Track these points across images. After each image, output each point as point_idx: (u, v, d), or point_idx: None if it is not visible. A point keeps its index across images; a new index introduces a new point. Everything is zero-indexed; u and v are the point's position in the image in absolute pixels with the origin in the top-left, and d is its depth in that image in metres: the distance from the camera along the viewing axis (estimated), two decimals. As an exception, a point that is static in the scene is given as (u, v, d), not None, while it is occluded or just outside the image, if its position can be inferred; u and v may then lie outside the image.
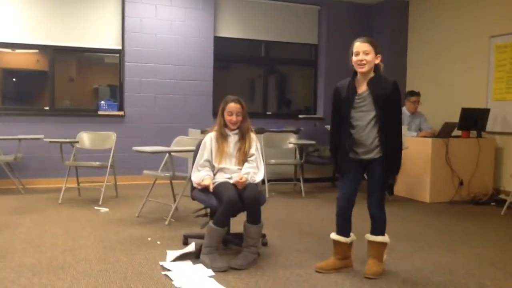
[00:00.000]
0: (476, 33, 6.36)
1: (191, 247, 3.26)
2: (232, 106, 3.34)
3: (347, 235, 3.06)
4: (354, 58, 2.93)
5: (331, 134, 3.13)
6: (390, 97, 2.91)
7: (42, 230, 3.93)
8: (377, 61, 2.94)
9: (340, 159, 3.03)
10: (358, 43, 2.94)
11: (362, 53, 2.90)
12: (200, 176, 3.30)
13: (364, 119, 2.93)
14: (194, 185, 3.36)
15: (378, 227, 3.02)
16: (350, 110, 2.95)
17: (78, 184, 5.49)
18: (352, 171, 3.02)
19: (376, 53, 2.93)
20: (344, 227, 3.06)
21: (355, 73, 2.99)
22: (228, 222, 3.34)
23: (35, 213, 4.59)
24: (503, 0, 6.00)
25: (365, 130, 2.93)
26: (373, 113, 2.91)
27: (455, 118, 5.82)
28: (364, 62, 2.90)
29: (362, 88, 2.96)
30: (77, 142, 5.42)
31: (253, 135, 3.42)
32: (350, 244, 3.09)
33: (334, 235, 3.09)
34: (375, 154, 2.95)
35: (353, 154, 2.98)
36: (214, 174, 3.35)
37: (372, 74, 2.96)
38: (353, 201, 3.03)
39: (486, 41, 6.21)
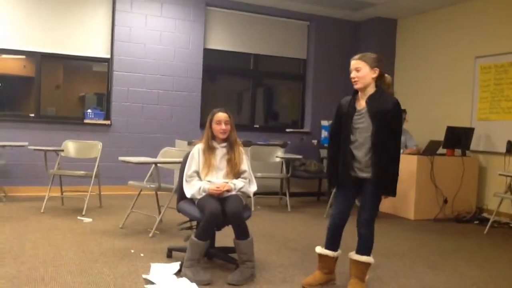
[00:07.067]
0: (462, 53, 6.48)
1: (175, 267, 3.20)
2: (220, 115, 3.35)
3: (335, 250, 3.07)
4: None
5: (329, 147, 3.15)
6: (388, 115, 2.86)
7: (23, 240, 3.85)
8: (374, 75, 2.92)
9: (340, 173, 2.99)
10: (352, 61, 2.97)
11: (354, 70, 2.94)
12: (196, 186, 3.24)
13: (362, 136, 2.92)
14: (192, 196, 3.27)
15: (364, 247, 2.99)
16: (350, 126, 2.95)
17: (62, 193, 5.41)
18: (347, 189, 3.01)
19: (372, 67, 2.92)
20: (333, 242, 3.07)
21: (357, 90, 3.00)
22: (212, 236, 3.32)
23: (16, 221, 4.50)
24: (488, 21, 6.14)
25: (363, 147, 2.92)
26: (370, 130, 2.89)
27: (440, 136, 5.89)
28: (356, 79, 2.93)
29: (362, 104, 2.96)
30: (62, 150, 5.36)
31: (241, 149, 3.42)
32: (336, 259, 3.10)
33: (320, 249, 3.09)
34: (368, 173, 2.92)
35: (351, 170, 2.96)
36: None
37: (373, 90, 2.94)
38: (346, 219, 3.04)
39: (472, 62, 6.32)
